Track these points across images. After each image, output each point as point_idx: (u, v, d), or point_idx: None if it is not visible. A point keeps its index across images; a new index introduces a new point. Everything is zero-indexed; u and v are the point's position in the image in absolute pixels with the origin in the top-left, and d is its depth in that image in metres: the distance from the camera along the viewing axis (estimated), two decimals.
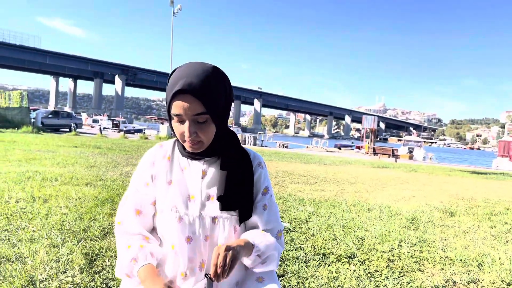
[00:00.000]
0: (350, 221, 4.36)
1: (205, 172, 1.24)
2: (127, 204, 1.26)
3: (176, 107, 1.09)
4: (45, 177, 5.58)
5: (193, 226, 1.21)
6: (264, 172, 1.29)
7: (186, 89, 1.06)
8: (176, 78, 1.10)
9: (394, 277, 2.72)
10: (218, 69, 1.15)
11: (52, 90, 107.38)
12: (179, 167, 1.26)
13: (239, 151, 1.25)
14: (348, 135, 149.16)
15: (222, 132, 1.21)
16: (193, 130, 1.11)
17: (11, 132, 19.09)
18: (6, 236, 2.91)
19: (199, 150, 1.18)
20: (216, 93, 1.11)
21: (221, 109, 1.14)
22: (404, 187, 8.39)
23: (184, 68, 1.12)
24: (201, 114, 1.09)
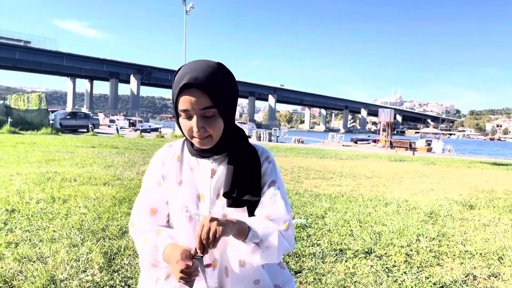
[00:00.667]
0: (367, 216, 4.33)
1: (214, 171, 1.23)
2: (141, 205, 1.27)
3: (183, 102, 1.09)
4: (64, 178, 5.69)
5: None
6: (271, 166, 1.26)
7: (192, 83, 1.06)
8: (181, 74, 1.10)
9: (412, 272, 2.69)
10: (223, 65, 1.15)
11: (69, 91, 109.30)
12: (188, 166, 1.26)
13: (247, 148, 1.24)
14: (365, 129, 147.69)
15: (230, 128, 1.20)
16: (201, 124, 1.11)
17: (30, 134, 19.51)
18: (27, 237, 2.98)
19: (208, 145, 1.17)
20: (222, 87, 1.11)
21: (227, 104, 1.14)
22: (422, 180, 8.28)
23: (189, 65, 1.13)
24: (208, 108, 1.09)
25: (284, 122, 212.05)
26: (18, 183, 5.09)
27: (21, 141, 13.20)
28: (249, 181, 1.19)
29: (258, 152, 1.25)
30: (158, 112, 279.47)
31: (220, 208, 1.21)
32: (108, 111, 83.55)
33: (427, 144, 30.73)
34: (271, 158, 1.27)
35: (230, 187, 1.17)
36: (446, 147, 30.74)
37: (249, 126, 42.18)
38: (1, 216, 3.47)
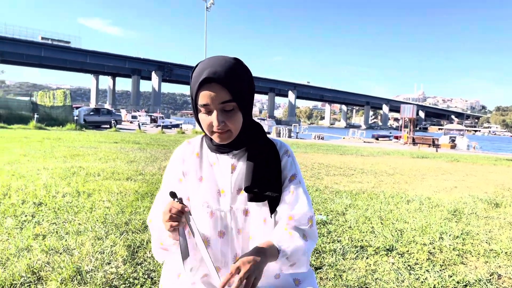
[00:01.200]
0: (389, 213, 4.28)
1: (234, 166, 1.24)
2: (160, 201, 1.26)
3: (202, 97, 1.10)
4: (88, 172, 5.82)
5: (224, 220, 1.23)
6: (291, 160, 1.26)
7: (211, 78, 1.07)
8: (200, 70, 1.11)
9: (435, 270, 2.66)
10: (240, 60, 1.16)
11: (92, 88, 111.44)
12: (208, 162, 1.26)
13: (266, 142, 1.24)
14: (386, 125, 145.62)
15: (248, 123, 1.21)
16: (221, 119, 1.11)
17: (56, 129, 20.00)
18: (54, 229, 3.07)
19: (228, 140, 1.17)
20: (240, 81, 1.12)
21: (246, 98, 1.14)
22: (445, 178, 8.12)
23: (207, 60, 1.14)
24: (228, 102, 1.09)
25: (304, 118, 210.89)
26: (44, 177, 5.24)
27: (47, 137, 13.55)
28: (269, 176, 1.20)
29: (277, 146, 1.26)
30: (178, 108, 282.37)
31: (241, 204, 1.22)
32: (130, 107, 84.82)
33: (451, 141, 30.06)
34: (290, 152, 1.27)
35: (251, 182, 1.17)
36: (471, 144, 29.97)
37: (269, 122, 42.17)
38: (29, 209, 3.59)
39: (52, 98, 26.24)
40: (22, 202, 3.85)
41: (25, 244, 2.68)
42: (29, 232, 2.95)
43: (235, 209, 1.22)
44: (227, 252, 1.23)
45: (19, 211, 3.52)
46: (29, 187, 4.53)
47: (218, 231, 1.23)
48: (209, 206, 1.23)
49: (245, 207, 1.22)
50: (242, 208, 1.22)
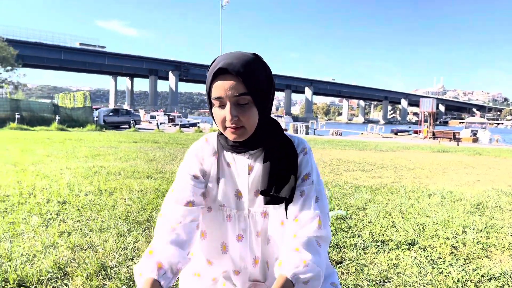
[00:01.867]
0: (410, 207, 4.23)
1: (251, 167, 1.19)
2: (174, 196, 1.18)
3: (216, 89, 1.06)
4: (109, 172, 5.93)
5: (243, 223, 1.19)
6: (307, 158, 1.19)
7: (226, 69, 1.03)
8: (216, 62, 1.08)
9: (459, 264, 2.62)
10: (258, 55, 1.12)
11: (111, 89, 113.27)
12: (225, 162, 1.22)
13: (283, 140, 1.18)
14: (405, 120, 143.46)
15: (265, 120, 1.14)
16: (234, 113, 1.06)
17: (77, 130, 20.41)
18: (78, 227, 3.14)
19: (242, 138, 1.10)
20: (257, 75, 1.07)
21: (263, 93, 1.09)
22: (467, 172, 7.96)
23: (224, 54, 1.10)
24: (242, 95, 1.04)
25: (321, 115, 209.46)
26: (67, 176, 5.36)
27: (68, 138, 13.84)
28: (286, 177, 1.14)
29: (295, 143, 1.19)
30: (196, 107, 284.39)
31: (260, 206, 1.18)
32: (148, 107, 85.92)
33: (472, 134, 29.40)
34: (307, 149, 1.20)
35: (268, 185, 1.12)
36: (493, 137, 29.24)
37: (286, 119, 42.06)
38: (54, 208, 3.68)
39: (73, 100, 26.83)
40: (47, 201, 3.95)
41: (51, 241, 2.75)
42: (55, 229, 3.03)
43: (254, 212, 1.19)
44: (246, 255, 1.20)
45: (44, 209, 3.61)
46: (53, 187, 4.64)
47: (236, 235, 1.20)
48: (227, 209, 1.20)
49: (264, 209, 1.18)
50: (260, 210, 1.19)
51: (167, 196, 1.20)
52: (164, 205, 1.19)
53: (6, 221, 3.20)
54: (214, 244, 1.22)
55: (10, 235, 2.86)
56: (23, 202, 3.86)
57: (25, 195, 4.16)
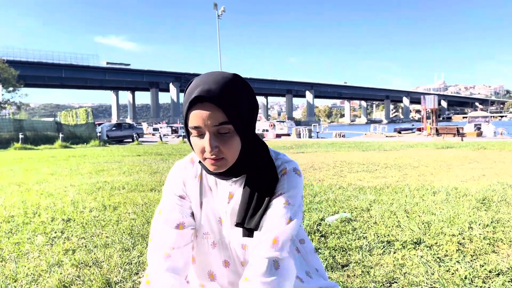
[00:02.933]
0: (414, 206, 4.21)
1: (231, 195, 1.12)
2: (162, 217, 1.13)
3: (194, 118, 0.97)
4: (113, 186, 5.94)
5: (227, 251, 1.15)
6: (285, 178, 1.08)
7: (204, 96, 0.94)
8: (193, 87, 0.99)
9: (466, 261, 2.59)
10: (239, 76, 1.03)
11: (113, 104, 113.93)
12: (207, 186, 1.16)
13: (266, 165, 1.08)
14: (408, 118, 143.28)
15: (248, 146, 1.06)
16: (214, 143, 0.98)
17: (81, 147, 20.50)
18: (83, 243, 3.14)
19: (222, 169, 1.02)
20: (238, 100, 0.98)
21: (245, 119, 1.00)
22: (472, 166, 7.92)
23: (201, 77, 1.01)
24: (223, 124, 0.96)
25: (323, 117, 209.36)
26: (72, 194, 5.37)
27: (72, 155, 13.90)
28: (263, 208, 1.05)
29: (276, 166, 1.10)
30: None
31: (238, 237, 1.12)
32: (150, 120, 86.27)
33: (476, 129, 29.28)
34: (287, 170, 1.09)
35: (242, 217, 1.04)
36: (497, 130, 29.08)
37: (288, 124, 42.04)
38: (58, 226, 3.68)
39: (75, 117, 26.96)
40: (52, 219, 3.96)
41: (56, 259, 2.75)
42: (59, 247, 3.03)
43: (233, 244, 1.14)
44: (235, 280, 1.16)
45: (49, 228, 3.62)
46: (57, 205, 4.65)
47: (223, 261, 1.16)
48: (211, 237, 1.16)
49: (242, 241, 1.12)
50: (238, 242, 1.13)
51: (156, 219, 1.14)
52: (154, 229, 1.14)
53: (11, 242, 3.21)
54: (202, 271, 1.20)
55: (15, 256, 2.87)
56: (28, 222, 3.87)
57: (29, 215, 4.18)
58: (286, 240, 1.00)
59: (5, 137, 21.50)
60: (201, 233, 1.16)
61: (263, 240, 1.00)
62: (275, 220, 1.02)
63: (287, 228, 1.01)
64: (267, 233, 1.01)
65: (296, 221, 1.03)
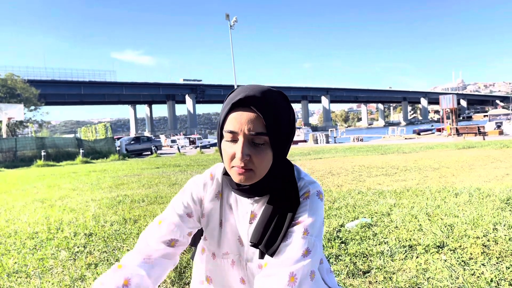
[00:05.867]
0: (436, 208, 4.12)
1: (254, 215, 1.08)
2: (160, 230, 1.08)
3: (231, 122, 0.94)
4: (133, 200, 6.01)
5: (244, 270, 1.13)
6: (306, 203, 1.03)
7: (248, 101, 0.92)
8: (236, 93, 0.96)
9: (491, 263, 2.52)
10: (284, 94, 1.00)
11: (131, 118, 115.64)
12: (227, 204, 1.12)
13: (289, 187, 1.04)
14: (427, 119, 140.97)
15: (278, 165, 1.01)
16: (246, 151, 0.93)
17: (101, 161, 20.82)
18: (105, 257, 3.18)
19: (248, 181, 0.97)
20: (280, 114, 0.94)
21: (283, 135, 0.96)
22: (495, 166, 7.73)
23: (247, 85, 0.98)
24: (260, 134, 0.92)
25: (340, 122, 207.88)
26: (93, 208, 5.46)
27: (93, 169, 14.13)
28: (283, 233, 1.00)
29: (299, 188, 1.05)
30: (215, 127, 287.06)
31: (256, 259, 1.10)
32: (168, 132, 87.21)
33: (496, 127, 28.63)
34: (310, 194, 1.04)
35: (259, 239, 1.00)
36: None
37: (305, 130, 41.91)
38: (81, 240, 3.74)
39: (95, 132, 27.51)
40: (74, 234, 4.03)
41: (79, 274, 2.80)
42: (82, 262, 3.08)
43: (250, 265, 1.12)
44: None
45: (72, 243, 3.68)
46: (79, 219, 4.73)
47: (240, 278, 1.15)
48: (230, 256, 1.14)
49: (260, 261, 1.08)
50: (257, 262, 1.10)
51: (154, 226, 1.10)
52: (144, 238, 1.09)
53: (35, 258, 3.27)
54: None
55: (40, 272, 2.92)
56: (51, 238, 3.94)
57: (53, 230, 4.26)
58: (304, 276, 0.95)
59: (28, 155, 22.05)
60: (220, 253, 1.14)
61: (279, 275, 0.94)
62: (292, 252, 0.96)
63: (305, 262, 0.95)
64: (282, 266, 0.95)
65: (313, 253, 0.98)
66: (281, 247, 0.98)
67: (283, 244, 0.99)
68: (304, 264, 0.94)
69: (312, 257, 0.97)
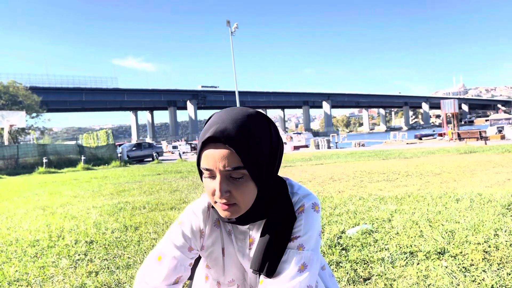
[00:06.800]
0: (437, 214, 4.12)
1: (252, 240, 1.05)
2: (161, 269, 1.04)
3: (205, 159, 0.90)
4: (134, 206, 6.01)
5: None
6: (301, 218, 1.00)
7: (218, 137, 0.87)
8: (209, 125, 0.91)
9: (492, 270, 2.52)
10: (261, 114, 0.95)
11: (132, 124, 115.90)
12: (225, 231, 1.09)
13: (284, 206, 1.00)
14: (428, 123, 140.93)
15: (267, 191, 0.98)
16: (225, 188, 0.90)
17: (102, 168, 20.84)
18: (105, 265, 3.18)
19: (234, 216, 0.95)
20: (257, 142, 0.90)
21: (263, 163, 0.92)
22: (497, 171, 7.72)
23: (221, 113, 0.94)
24: (236, 169, 0.88)
25: (342, 127, 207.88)
26: (94, 215, 5.46)
27: (94, 176, 14.15)
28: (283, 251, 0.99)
29: (293, 203, 1.02)
30: None
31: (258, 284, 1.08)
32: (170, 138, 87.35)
33: (498, 131, 28.57)
34: (305, 207, 1.01)
35: (260, 264, 0.97)
36: None
37: (306, 135, 41.89)
38: (81, 248, 3.74)
39: (96, 139, 27.57)
40: (75, 242, 4.03)
41: (80, 282, 2.80)
42: (83, 270, 3.08)
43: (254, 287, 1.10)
44: None
45: (73, 251, 3.68)
46: (80, 227, 4.74)
47: None
48: (235, 284, 1.13)
49: None
50: None
51: (152, 263, 1.06)
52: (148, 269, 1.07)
53: (36, 266, 3.27)
54: None
55: (41, 280, 2.93)
56: (52, 245, 3.95)
57: (54, 238, 4.26)
58: None
59: (29, 162, 22.08)
60: (226, 281, 1.12)
61: None
62: (287, 269, 0.96)
63: (301, 278, 0.94)
64: (278, 284, 0.94)
65: (310, 267, 0.96)
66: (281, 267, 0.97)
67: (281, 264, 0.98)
68: (300, 280, 0.93)
69: (309, 271, 0.96)
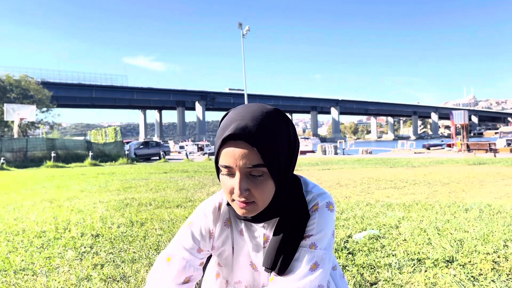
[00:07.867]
0: (446, 223, 4.07)
1: (266, 238, 1.04)
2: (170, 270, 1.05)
3: (225, 156, 0.89)
4: (140, 203, 6.03)
5: None
6: (315, 216, 0.99)
7: (238, 134, 0.86)
8: (228, 121, 0.90)
9: (501, 280, 2.48)
10: (280, 112, 0.94)
11: (141, 122, 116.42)
12: (237, 230, 1.08)
13: (298, 204, 1.00)
14: (437, 134, 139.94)
15: (283, 190, 0.97)
16: (245, 186, 0.89)
17: (109, 165, 20.95)
18: (111, 259, 3.19)
19: (252, 213, 0.94)
20: (276, 141, 0.89)
21: (282, 161, 0.91)
22: (506, 183, 7.63)
23: (239, 109, 0.93)
24: (256, 167, 0.87)
25: (349, 134, 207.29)
26: (100, 210, 5.48)
27: (101, 172, 14.22)
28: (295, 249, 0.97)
29: (307, 202, 1.01)
30: None
31: None
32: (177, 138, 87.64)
33: (507, 144, 28.28)
34: (319, 206, 1.00)
35: (273, 262, 0.96)
36: None
37: (313, 140, 41.82)
38: (87, 241, 3.75)
39: (104, 136, 27.74)
40: (81, 234, 4.04)
41: (85, 274, 2.80)
42: (88, 262, 3.08)
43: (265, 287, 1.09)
44: None
45: (79, 243, 3.69)
46: (87, 220, 4.75)
47: None
48: (242, 284, 1.11)
49: None
50: None
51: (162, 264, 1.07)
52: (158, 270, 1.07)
53: (42, 256, 3.28)
54: None
55: (46, 270, 2.93)
56: (59, 237, 3.96)
57: (60, 230, 4.28)
58: None
59: (38, 155, 22.28)
60: (232, 281, 1.11)
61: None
62: (299, 268, 0.95)
63: (313, 277, 0.93)
64: (289, 282, 0.93)
65: (321, 266, 0.95)
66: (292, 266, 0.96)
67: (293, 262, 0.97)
68: (311, 279, 0.92)
69: (321, 270, 0.94)
